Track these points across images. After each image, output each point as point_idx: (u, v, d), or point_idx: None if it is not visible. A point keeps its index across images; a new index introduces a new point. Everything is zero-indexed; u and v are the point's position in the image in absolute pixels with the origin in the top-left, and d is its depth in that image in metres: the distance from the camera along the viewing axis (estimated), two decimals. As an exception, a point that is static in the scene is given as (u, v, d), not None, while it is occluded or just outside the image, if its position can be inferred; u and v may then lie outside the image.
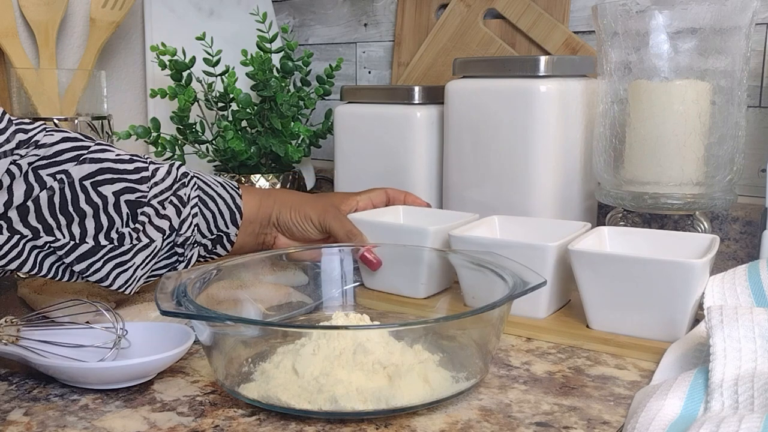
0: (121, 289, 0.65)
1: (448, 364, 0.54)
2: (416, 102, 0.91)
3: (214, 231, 0.71)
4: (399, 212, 0.82)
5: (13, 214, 0.60)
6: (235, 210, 0.72)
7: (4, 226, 0.60)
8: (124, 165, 0.65)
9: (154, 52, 1.03)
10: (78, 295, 0.69)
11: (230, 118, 1.04)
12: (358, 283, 0.73)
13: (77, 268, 0.63)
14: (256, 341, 0.57)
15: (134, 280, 0.65)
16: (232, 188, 0.73)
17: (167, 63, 1.02)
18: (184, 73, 1.02)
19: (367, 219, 0.76)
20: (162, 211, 0.65)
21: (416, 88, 0.91)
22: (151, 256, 0.65)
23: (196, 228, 0.69)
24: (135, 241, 0.64)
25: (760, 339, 0.49)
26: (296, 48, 1.09)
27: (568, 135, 0.81)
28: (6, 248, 0.60)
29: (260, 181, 0.99)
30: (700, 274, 0.59)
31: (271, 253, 0.70)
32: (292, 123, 1.04)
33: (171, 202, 0.66)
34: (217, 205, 0.71)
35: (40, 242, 0.61)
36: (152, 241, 0.65)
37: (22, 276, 0.80)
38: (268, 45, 1.05)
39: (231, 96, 1.03)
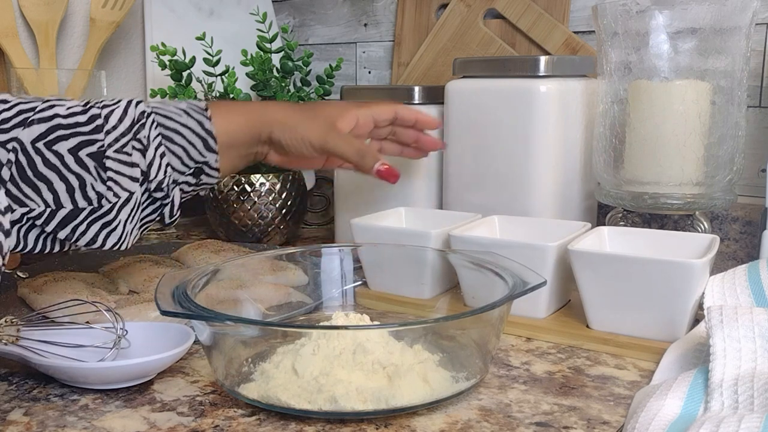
0: (115, 248, 0.62)
1: (448, 364, 0.54)
2: (416, 102, 0.91)
3: (191, 164, 0.65)
4: (401, 214, 0.82)
5: None
6: (206, 136, 0.65)
7: None
8: (76, 117, 0.61)
9: (154, 52, 1.03)
10: (78, 295, 0.69)
11: (230, 118, 1.04)
12: (358, 283, 0.73)
13: (61, 235, 0.60)
14: (256, 341, 0.57)
15: (125, 235, 0.62)
16: (198, 112, 0.66)
17: (167, 63, 1.02)
18: (184, 73, 1.02)
19: (368, 223, 0.76)
20: (128, 159, 0.61)
21: (416, 88, 0.91)
22: (134, 209, 0.62)
23: (168, 167, 0.64)
24: (113, 198, 0.61)
25: (760, 339, 0.49)
26: (296, 48, 1.09)
27: (568, 135, 0.81)
28: None
29: (260, 181, 0.99)
30: (700, 274, 0.59)
31: (271, 253, 0.70)
32: (292, 123, 1.04)
33: (134, 147, 0.62)
34: (184, 137, 0.65)
35: (16, 215, 0.58)
36: (131, 193, 0.61)
37: (21, 276, 0.80)
38: (268, 45, 1.05)
39: (231, 96, 1.03)
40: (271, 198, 1.00)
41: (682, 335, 0.60)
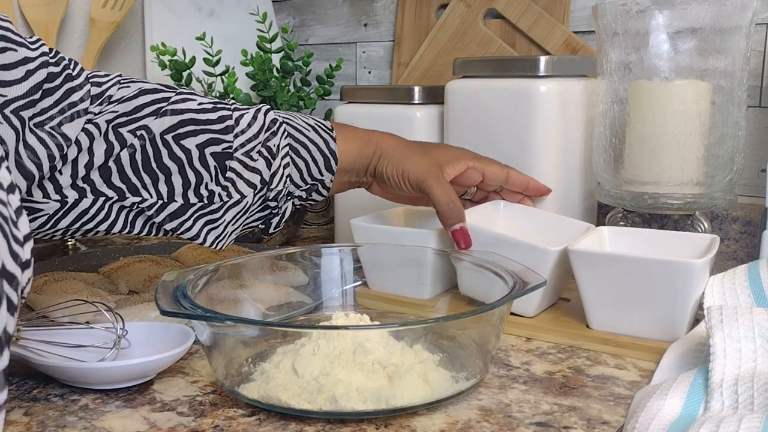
0: (213, 245, 0.63)
1: (448, 364, 0.54)
2: (416, 102, 0.91)
3: (308, 180, 0.66)
4: (401, 214, 0.82)
5: (95, 176, 0.58)
6: (329, 156, 0.66)
7: (88, 189, 0.58)
8: (207, 114, 0.61)
9: (154, 52, 1.03)
10: (78, 295, 0.69)
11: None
12: (358, 283, 0.73)
13: (168, 227, 0.61)
14: (256, 341, 0.57)
15: (225, 236, 0.63)
16: (325, 131, 0.67)
17: (167, 63, 1.02)
18: (184, 73, 1.02)
19: (368, 223, 0.76)
20: (251, 164, 0.61)
21: (416, 88, 0.91)
22: (242, 212, 0.63)
23: (288, 179, 0.64)
24: (226, 198, 0.61)
25: (760, 339, 0.49)
26: (296, 48, 1.09)
27: (568, 135, 0.81)
28: (92, 211, 0.58)
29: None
30: (700, 274, 0.59)
31: (271, 253, 0.70)
32: (292, 123, 1.04)
33: (260, 153, 0.62)
34: (309, 152, 0.65)
35: (127, 203, 0.59)
36: (243, 197, 0.62)
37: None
38: (268, 45, 1.05)
39: (231, 96, 1.03)
40: (271, 198, 1.00)
41: (682, 335, 0.60)
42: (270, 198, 0.64)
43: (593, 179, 0.84)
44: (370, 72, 1.24)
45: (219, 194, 0.61)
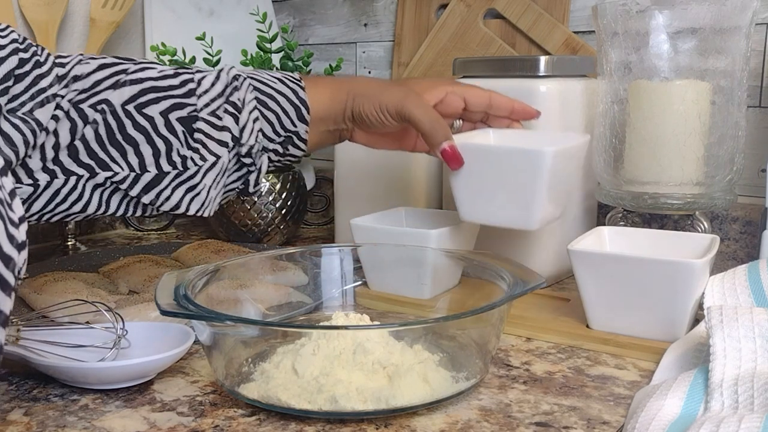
0: (198, 213, 0.62)
1: (448, 364, 0.54)
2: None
3: (281, 132, 0.65)
4: (401, 214, 0.82)
5: (63, 156, 0.57)
6: (299, 105, 0.65)
7: (58, 170, 0.57)
8: (169, 81, 0.60)
9: (154, 52, 1.03)
10: (78, 295, 0.69)
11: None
12: (358, 283, 0.73)
13: (146, 199, 0.60)
14: (256, 341, 0.57)
15: (209, 201, 0.62)
16: (293, 81, 0.66)
17: (167, 63, 1.02)
18: (184, 73, 1.02)
19: (368, 223, 0.76)
20: (219, 123, 0.60)
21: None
22: (220, 174, 0.61)
23: (260, 133, 0.63)
24: (200, 162, 0.60)
25: (760, 339, 0.49)
26: (296, 48, 1.09)
27: (568, 135, 0.81)
28: (64, 192, 0.58)
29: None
30: (700, 274, 0.59)
31: (271, 253, 0.70)
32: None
33: (226, 110, 0.61)
34: (278, 103, 0.64)
35: (99, 179, 0.58)
36: (218, 157, 0.60)
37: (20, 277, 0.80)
38: (268, 45, 1.05)
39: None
40: (271, 198, 1.00)
41: (682, 335, 0.60)
42: (243, 154, 0.62)
43: (593, 179, 0.84)
44: (370, 72, 1.24)
45: (192, 158, 0.60)
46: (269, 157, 0.65)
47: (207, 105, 0.60)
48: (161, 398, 0.53)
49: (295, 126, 0.65)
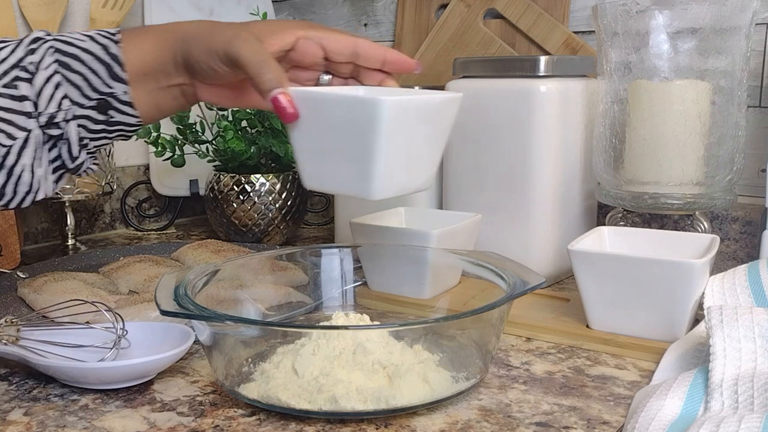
0: (34, 199, 0.56)
1: (448, 364, 0.54)
2: (416, 102, 0.91)
3: (92, 95, 0.56)
4: (401, 214, 0.82)
5: None
6: (111, 62, 0.55)
7: None
8: None
9: (153, 52, 1.03)
10: (78, 295, 0.69)
11: (230, 118, 1.04)
12: (358, 283, 0.73)
13: None
14: (256, 341, 0.57)
15: (37, 182, 0.55)
16: (105, 36, 0.56)
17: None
18: (184, 73, 1.02)
19: (368, 223, 0.76)
20: (17, 93, 0.53)
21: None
22: (39, 150, 0.55)
23: (65, 100, 0.55)
24: (8, 141, 0.53)
25: (760, 339, 0.49)
26: (296, 48, 1.09)
27: (568, 135, 0.81)
28: None
29: (260, 181, 0.99)
30: (700, 274, 0.59)
31: (271, 253, 0.70)
32: (292, 123, 1.04)
33: (19, 78, 0.54)
34: (84, 63, 0.55)
35: None
36: (28, 131, 0.54)
37: (21, 276, 0.80)
38: (268, 45, 1.05)
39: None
40: (271, 198, 1.00)
41: (682, 335, 0.60)
42: (44, 124, 0.54)
43: (593, 179, 0.84)
44: (370, 72, 1.24)
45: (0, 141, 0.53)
46: (86, 126, 0.56)
47: (1, 77, 0.53)
48: (161, 398, 0.53)
49: (110, 87, 0.56)
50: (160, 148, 1.02)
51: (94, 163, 0.60)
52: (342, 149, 0.55)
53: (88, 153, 0.58)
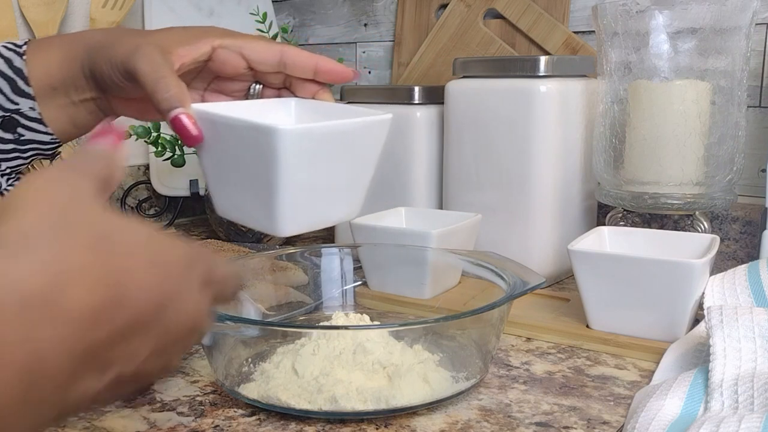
0: None
1: (448, 364, 0.54)
2: (416, 102, 0.91)
3: None
4: (401, 214, 0.82)
5: None
6: (14, 76, 0.52)
7: None
8: None
9: (153, 52, 1.03)
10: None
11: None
12: (358, 283, 0.73)
13: None
14: (256, 341, 0.57)
15: None
16: (10, 49, 0.53)
17: (167, 63, 1.02)
18: (184, 73, 1.02)
19: (368, 223, 0.76)
20: None
21: (416, 88, 0.91)
22: None
23: None
24: None
25: (760, 339, 0.49)
26: (296, 48, 1.09)
27: (568, 135, 0.81)
28: None
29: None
30: (700, 274, 0.59)
31: (271, 253, 0.70)
32: (292, 123, 1.04)
33: None
34: None
35: None
36: None
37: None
38: (268, 45, 1.05)
39: (231, 96, 1.03)
40: (271, 198, 1.00)
41: (682, 335, 0.60)
42: None
43: (593, 179, 0.84)
44: (370, 72, 1.24)
45: None
46: None
47: None
48: (161, 398, 0.53)
49: (15, 103, 0.52)
50: (160, 148, 1.02)
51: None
52: (246, 179, 0.48)
53: (2, 175, 0.54)
